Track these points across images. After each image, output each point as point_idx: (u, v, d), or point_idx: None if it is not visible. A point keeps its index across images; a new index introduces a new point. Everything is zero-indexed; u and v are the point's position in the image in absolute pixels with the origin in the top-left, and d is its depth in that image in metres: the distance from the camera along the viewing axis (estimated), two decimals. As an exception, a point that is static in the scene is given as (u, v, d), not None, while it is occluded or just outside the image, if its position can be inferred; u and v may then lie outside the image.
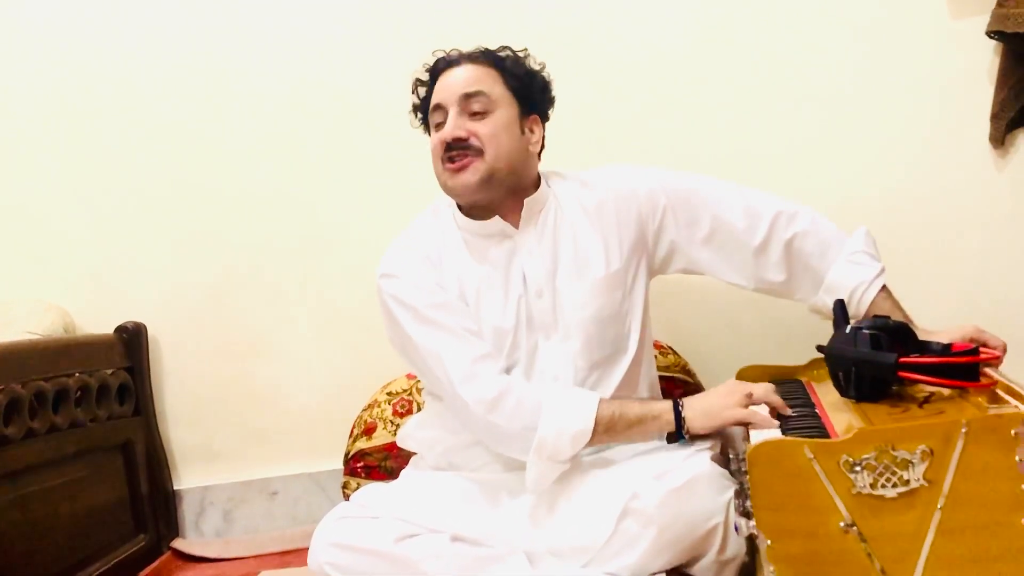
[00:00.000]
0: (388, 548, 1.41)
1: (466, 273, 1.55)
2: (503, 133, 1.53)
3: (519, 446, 1.44)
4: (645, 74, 2.09)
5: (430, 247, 1.57)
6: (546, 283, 1.55)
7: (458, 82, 1.55)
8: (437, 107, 1.56)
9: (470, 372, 1.47)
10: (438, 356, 1.49)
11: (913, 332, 1.33)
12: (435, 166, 1.57)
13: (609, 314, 1.56)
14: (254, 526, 2.21)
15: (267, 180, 2.21)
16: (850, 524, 1.15)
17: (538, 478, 1.43)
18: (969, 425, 1.12)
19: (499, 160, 1.52)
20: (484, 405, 1.45)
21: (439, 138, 1.54)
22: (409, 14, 2.14)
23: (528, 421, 1.43)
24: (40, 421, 1.78)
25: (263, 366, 2.21)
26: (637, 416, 1.45)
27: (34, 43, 2.23)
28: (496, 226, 1.57)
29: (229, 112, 2.21)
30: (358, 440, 1.96)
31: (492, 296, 1.54)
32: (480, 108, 1.53)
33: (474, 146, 1.51)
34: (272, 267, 2.21)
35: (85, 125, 2.23)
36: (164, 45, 2.21)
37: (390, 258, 1.58)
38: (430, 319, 1.51)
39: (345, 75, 2.17)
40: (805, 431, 1.25)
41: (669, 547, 1.36)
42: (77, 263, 2.23)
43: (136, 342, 2.16)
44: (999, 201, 1.98)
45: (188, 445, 2.24)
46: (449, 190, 1.56)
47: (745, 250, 1.60)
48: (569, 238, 1.58)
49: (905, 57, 2.01)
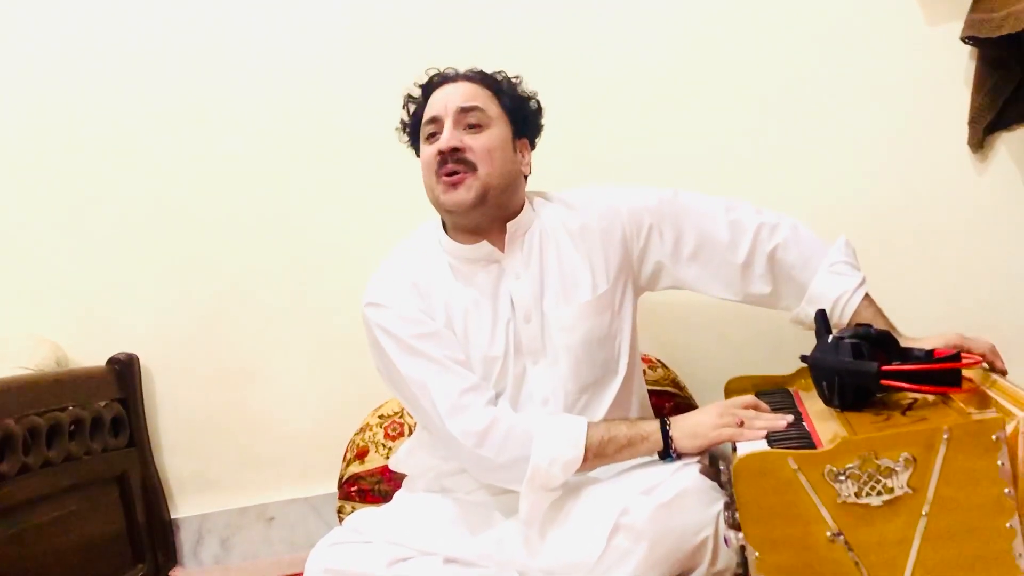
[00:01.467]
0: (381, 572, 1.41)
1: (453, 299, 1.54)
2: (497, 149, 1.53)
3: (509, 476, 1.44)
4: (626, 86, 2.11)
5: (416, 273, 1.56)
6: (534, 307, 1.55)
7: (455, 95, 1.55)
8: (432, 120, 1.55)
9: (458, 404, 1.45)
10: (425, 387, 1.48)
11: (895, 340, 1.34)
12: (427, 180, 1.56)
13: (598, 337, 1.56)
14: (252, 552, 2.21)
15: (255, 206, 2.21)
16: (836, 533, 1.15)
17: (531, 509, 1.42)
18: (951, 431, 1.13)
19: (492, 177, 1.51)
20: (473, 438, 1.44)
21: (434, 149, 1.53)
22: (399, 34, 2.15)
23: (517, 452, 1.42)
24: (34, 456, 1.78)
25: (256, 392, 2.21)
26: (626, 439, 1.45)
27: (18, 75, 2.24)
28: (483, 250, 1.56)
29: (215, 140, 2.21)
30: (351, 464, 1.97)
31: (480, 322, 1.53)
32: (476, 122, 1.53)
33: (468, 160, 1.51)
34: (262, 293, 2.21)
35: (72, 158, 2.24)
36: (150, 75, 2.22)
37: (375, 286, 1.56)
38: (417, 350, 1.49)
39: (334, 98, 2.18)
40: (791, 441, 1.26)
41: (660, 561, 1.36)
42: (67, 296, 2.24)
43: (128, 373, 2.16)
44: (979, 205, 2.00)
45: (184, 474, 2.23)
46: (442, 205, 1.54)
47: (730, 265, 1.60)
48: (554, 261, 1.57)
49: (881, 63, 2.03)
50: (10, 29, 2.23)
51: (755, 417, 1.40)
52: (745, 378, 1.67)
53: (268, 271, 2.21)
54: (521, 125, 1.60)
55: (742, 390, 1.65)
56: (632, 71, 2.10)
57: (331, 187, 2.20)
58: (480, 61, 1.63)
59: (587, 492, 1.45)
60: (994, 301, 1.96)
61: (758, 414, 1.41)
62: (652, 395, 1.76)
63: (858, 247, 1.62)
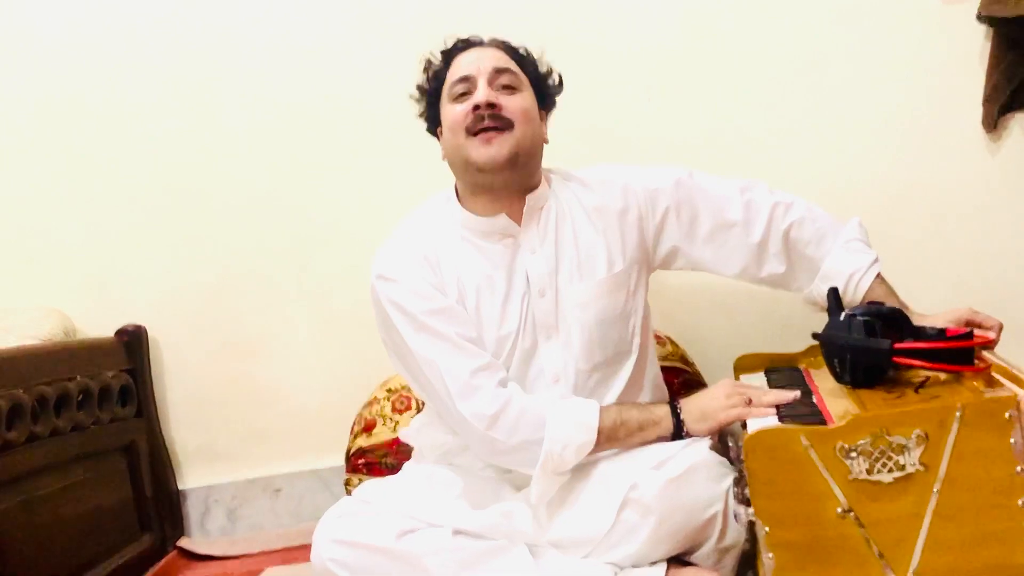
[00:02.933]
0: (390, 543, 1.40)
1: (466, 273, 1.52)
2: (531, 111, 1.53)
3: (519, 459, 1.43)
4: (636, 66, 2.09)
5: (428, 246, 1.54)
6: (548, 283, 1.54)
7: (488, 56, 1.54)
8: (463, 79, 1.52)
9: (469, 385, 1.44)
10: (435, 366, 1.46)
11: (907, 317, 1.34)
12: (454, 140, 1.51)
13: (611, 316, 1.55)
14: (259, 524, 2.22)
15: (263, 180, 2.21)
16: (847, 510, 1.16)
17: (543, 492, 1.43)
18: (963, 409, 1.13)
19: (525, 138, 1.50)
20: (484, 420, 1.43)
21: (468, 105, 1.49)
22: (405, 11, 2.13)
23: (529, 436, 1.42)
24: (43, 425, 1.78)
25: (263, 365, 2.21)
26: (638, 423, 1.45)
27: (27, 50, 2.22)
28: (501, 223, 1.54)
29: (224, 114, 2.20)
30: (358, 437, 1.97)
31: (493, 298, 1.52)
32: (509, 83, 1.52)
33: (504, 117, 1.48)
34: (270, 266, 2.21)
35: (81, 130, 2.23)
36: (158, 49, 2.20)
37: (386, 258, 1.54)
38: (428, 327, 1.47)
39: (338, 75, 2.17)
40: (802, 418, 1.26)
41: (669, 536, 1.37)
42: (76, 267, 2.24)
43: (137, 344, 2.16)
44: (992, 185, 1.99)
45: (191, 445, 2.24)
46: (473, 164, 1.49)
47: (746, 245, 1.60)
48: (571, 238, 1.56)
49: (896, 42, 2.01)
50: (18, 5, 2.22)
51: (763, 393, 1.40)
52: (755, 355, 1.68)
53: (277, 243, 2.21)
54: (544, 97, 1.60)
55: (752, 367, 1.65)
56: (644, 50, 2.09)
57: (339, 160, 2.19)
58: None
59: (597, 467, 1.45)
60: (1007, 282, 1.95)
61: (766, 389, 1.41)
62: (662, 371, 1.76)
63: (870, 228, 1.61)
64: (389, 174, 2.15)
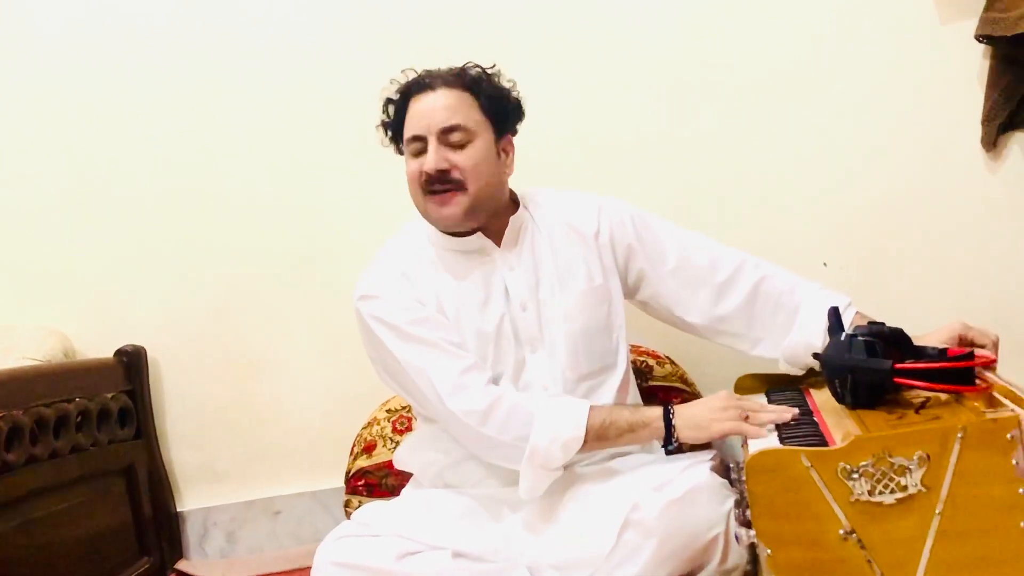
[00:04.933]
0: (390, 566, 1.40)
1: (444, 290, 1.55)
2: (483, 164, 1.53)
3: (511, 455, 1.44)
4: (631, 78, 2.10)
5: (406, 264, 1.57)
6: (529, 297, 1.56)
7: (436, 112, 1.52)
8: (415, 138, 1.54)
9: (458, 384, 1.46)
10: (424, 372, 1.48)
11: (908, 338, 1.34)
12: (414, 193, 1.56)
13: (595, 326, 1.57)
14: (258, 546, 2.20)
15: (263, 198, 2.21)
16: (849, 531, 1.15)
17: (531, 487, 1.43)
18: (965, 430, 1.13)
19: (480, 191, 1.52)
20: (475, 417, 1.44)
21: (419, 168, 1.52)
22: (403, 15, 2.14)
23: (520, 431, 1.43)
24: (42, 447, 1.78)
25: (263, 385, 2.21)
26: (628, 423, 1.45)
27: (25, 65, 2.22)
28: (477, 243, 1.57)
29: (224, 131, 2.21)
30: (358, 458, 1.96)
31: (472, 310, 1.54)
32: (459, 140, 1.52)
33: (455, 179, 1.51)
34: (269, 286, 2.21)
35: (81, 149, 2.23)
36: (157, 65, 2.20)
37: (366, 280, 1.57)
38: (413, 336, 1.50)
39: (341, 88, 2.17)
40: (803, 439, 1.26)
41: (670, 558, 1.36)
42: (76, 288, 2.23)
43: (136, 365, 2.16)
44: (992, 204, 1.99)
45: (190, 466, 2.23)
46: (432, 221, 1.56)
47: (708, 286, 1.60)
48: (549, 255, 1.59)
49: (895, 62, 2.02)
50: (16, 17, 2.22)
51: (760, 410, 1.39)
52: (755, 376, 1.67)
53: (277, 264, 2.21)
54: (502, 123, 1.59)
55: (752, 387, 1.64)
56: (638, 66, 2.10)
57: (339, 180, 2.19)
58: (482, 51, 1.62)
59: (598, 487, 1.45)
60: (1006, 300, 1.95)
61: (764, 406, 1.41)
62: (660, 391, 1.76)
63: (870, 246, 1.63)
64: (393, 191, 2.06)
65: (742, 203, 2.07)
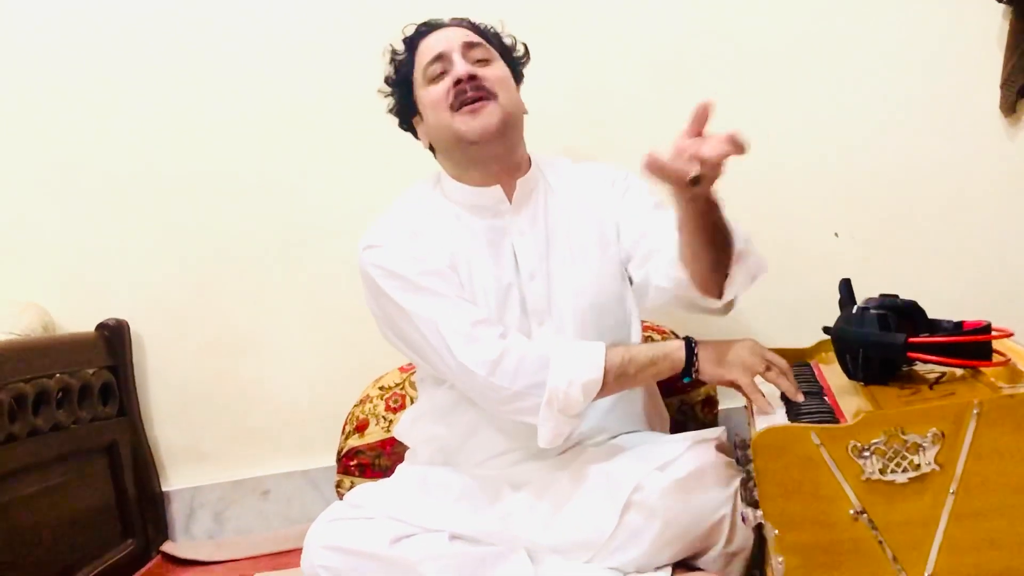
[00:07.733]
0: (383, 550, 1.38)
1: (456, 248, 1.50)
2: (508, 81, 1.54)
3: (524, 406, 1.38)
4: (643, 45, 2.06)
5: (416, 221, 1.52)
6: (539, 265, 1.51)
7: (455, 33, 1.54)
8: (437, 57, 1.51)
9: (470, 335, 1.40)
10: (434, 323, 1.42)
11: (922, 311, 1.30)
12: (440, 120, 1.50)
13: (607, 300, 1.52)
14: (246, 527, 2.18)
15: (249, 172, 2.17)
16: (860, 511, 1.12)
17: (552, 433, 1.37)
18: (981, 406, 1.10)
19: (510, 105, 1.50)
20: (486, 366, 1.38)
21: (448, 80, 1.48)
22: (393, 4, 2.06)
23: (533, 379, 1.37)
24: (20, 425, 1.74)
25: (251, 361, 2.18)
26: (648, 358, 1.39)
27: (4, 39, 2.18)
28: (494, 196, 1.52)
29: (209, 104, 2.17)
30: (350, 437, 1.93)
31: (484, 271, 1.50)
32: (483, 56, 1.52)
33: (487, 88, 1.48)
34: (256, 260, 2.17)
35: (59, 119, 2.19)
36: (139, 36, 2.16)
37: (374, 231, 1.52)
38: (422, 286, 1.45)
39: (327, 65, 2.13)
40: (813, 416, 1.23)
41: (675, 540, 1.34)
42: (55, 259, 2.19)
43: (118, 340, 2.12)
44: (1011, 170, 1.96)
45: (175, 445, 2.20)
46: (464, 138, 1.48)
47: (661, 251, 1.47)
48: (563, 223, 1.54)
49: (913, 25, 1.98)
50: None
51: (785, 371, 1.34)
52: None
53: (264, 236, 2.17)
54: (514, 68, 1.60)
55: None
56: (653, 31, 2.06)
57: (325, 155, 2.16)
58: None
59: (600, 467, 1.42)
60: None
61: (788, 369, 1.36)
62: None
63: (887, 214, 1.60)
64: (381, 167, 2.11)
65: (752, 171, 2.01)
